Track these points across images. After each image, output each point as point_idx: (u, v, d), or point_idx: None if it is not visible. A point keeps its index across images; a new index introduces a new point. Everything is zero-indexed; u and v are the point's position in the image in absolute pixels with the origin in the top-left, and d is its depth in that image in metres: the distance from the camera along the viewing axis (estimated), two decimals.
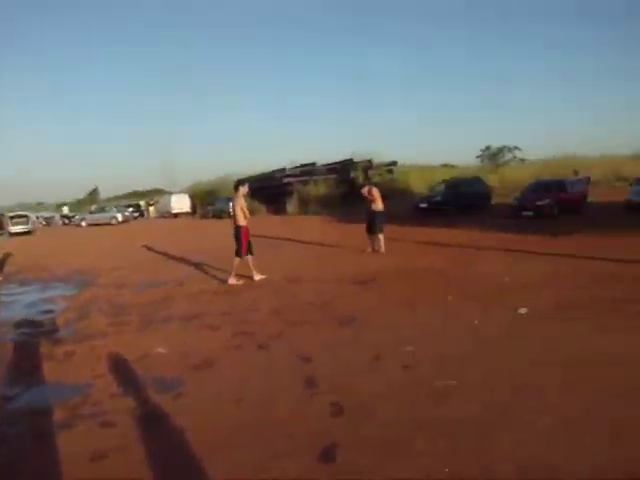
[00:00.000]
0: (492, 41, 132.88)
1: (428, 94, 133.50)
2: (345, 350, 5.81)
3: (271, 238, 18.35)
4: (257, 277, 10.43)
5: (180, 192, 49.73)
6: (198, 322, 7.49)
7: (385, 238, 13.51)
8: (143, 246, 19.86)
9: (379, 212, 13.68)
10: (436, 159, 59.23)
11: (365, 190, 13.97)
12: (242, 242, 10.20)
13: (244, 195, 10.40)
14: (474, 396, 4.33)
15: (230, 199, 36.01)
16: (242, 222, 10.18)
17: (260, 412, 4.31)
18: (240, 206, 10.19)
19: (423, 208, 24.00)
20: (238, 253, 10.30)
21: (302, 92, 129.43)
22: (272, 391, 4.75)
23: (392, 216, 24.83)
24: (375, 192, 13.77)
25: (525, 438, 3.59)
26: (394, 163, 39.10)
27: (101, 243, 24.86)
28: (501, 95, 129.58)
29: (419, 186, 35.56)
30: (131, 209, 51.55)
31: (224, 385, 5.00)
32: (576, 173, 24.01)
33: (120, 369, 5.67)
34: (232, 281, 10.28)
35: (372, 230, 13.71)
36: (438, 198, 23.91)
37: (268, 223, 25.78)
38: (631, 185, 22.67)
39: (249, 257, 10.37)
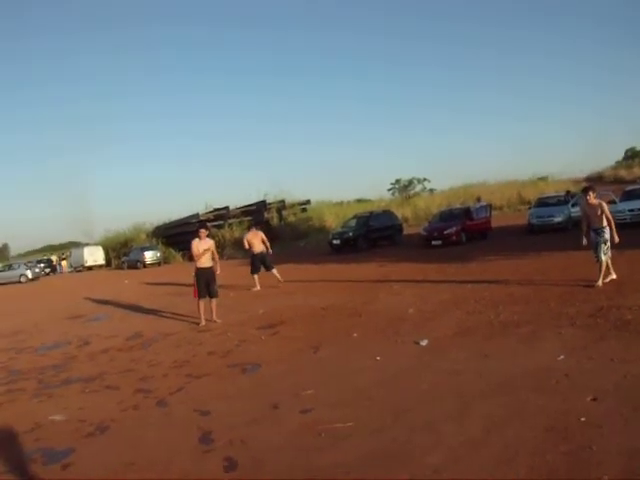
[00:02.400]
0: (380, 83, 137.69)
1: (339, 130, 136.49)
2: (245, 400, 5.70)
3: (181, 285, 17.96)
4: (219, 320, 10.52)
5: (93, 244, 48.13)
6: (98, 383, 7.17)
7: (301, 277, 13.65)
8: (51, 304, 19.01)
9: (264, 252, 14.76)
10: (351, 194, 60.35)
11: (250, 235, 15.06)
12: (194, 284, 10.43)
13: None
14: (370, 436, 4.33)
15: (144, 248, 35.58)
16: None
17: (151, 475, 4.14)
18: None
19: (336, 244, 24.29)
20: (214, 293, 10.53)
21: (217, 136, 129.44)
22: (167, 451, 4.58)
23: (308, 254, 25.13)
24: (261, 235, 14.94)
25: (417, 473, 3.63)
26: (307, 202, 39.58)
27: (5, 304, 23.58)
28: (411, 128, 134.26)
29: (334, 222, 36.06)
30: (42, 265, 49.26)
31: (117, 449, 4.77)
32: (478, 200, 25.05)
33: (6, 444, 5.34)
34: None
35: (266, 268, 14.74)
36: (350, 234, 24.29)
37: (183, 270, 25.30)
38: (529, 209, 23.97)
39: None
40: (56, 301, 20.15)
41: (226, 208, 36.43)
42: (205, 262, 10.31)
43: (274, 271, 14.79)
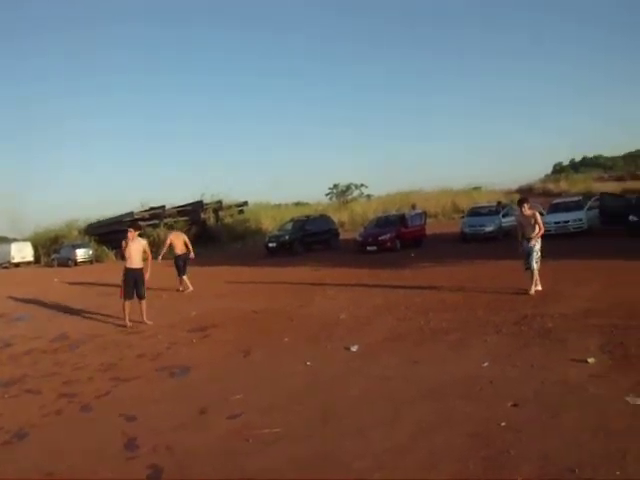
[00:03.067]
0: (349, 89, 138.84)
1: (279, 131, 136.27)
2: (173, 405, 5.61)
3: (113, 285, 17.46)
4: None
5: (22, 239, 46.19)
6: (18, 387, 6.84)
7: (235, 279, 13.54)
8: None
9: (187, 255, 14.91)
10: (290, 198, 60.47)
11: (173, 236, 15.42)
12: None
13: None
14: (298, 442, 4.33)
15: (75, 245, 34.42)
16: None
17: None
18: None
19: (272, 247, 24.25)
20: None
21: (153, 136, 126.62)
22: (89, 458, 4.43)
23: (244, 256, 24.96)
24: (184, 238, 15.19)
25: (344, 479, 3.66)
26: (245, 203, 39.28)
27: None
28: (350, 133, 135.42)
29: (271, 225, 35.98)
30: None
31: (36, 458, 4.56)
32: (414, 207, 25.53)
33: None
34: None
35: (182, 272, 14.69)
36: (286, 237, 24.31)
37: (116, 269, 24.62)
38: (462, 217, 24.63)
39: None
40: None
41: (162, 207, 35.67)
42: (135, 263, 10.08)
43: (185, 277, 14.65)
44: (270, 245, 24.45)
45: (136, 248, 10.05)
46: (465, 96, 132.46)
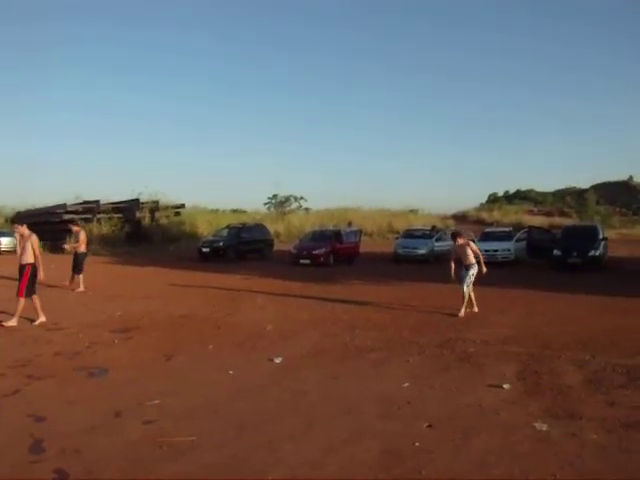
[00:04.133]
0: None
1: (222, 139, 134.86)
2: (86, 406, 5.43)
3: None
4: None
5: None
6: None
7: (165, 281, 13.28)
8: None
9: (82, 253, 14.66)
10: (228, 204, 59.91)
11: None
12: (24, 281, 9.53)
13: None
14: (212, 451, 4.29)
15: (3, 234, 32.92)
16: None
17: None
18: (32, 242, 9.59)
19: (205, 252, 23.96)
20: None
21: (88, 129, 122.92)
22: None
23: (177, 259, 24.55)
24: (82, 235, 14.95)
25: None
26: (182, 206, 38.68)
27: None
28: (293, 142, 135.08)
29: (207, 230, 35.56)
30: None
31: None
32: (350, 224, 25.80)
33: None
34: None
35: (75, 269, 14.44)
36: (220, 243, 24.08)
37: (44, 260, 23.76)
38: (397, 239, 25.09)
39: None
40: None
41: (96, 202, 34.62)
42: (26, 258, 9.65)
43: (81, 276, 14.42)
44: (204, 250, 24.12)
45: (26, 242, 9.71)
46: (434, 118, 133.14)
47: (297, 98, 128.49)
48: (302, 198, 53.45)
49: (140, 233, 33.75)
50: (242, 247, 24.44)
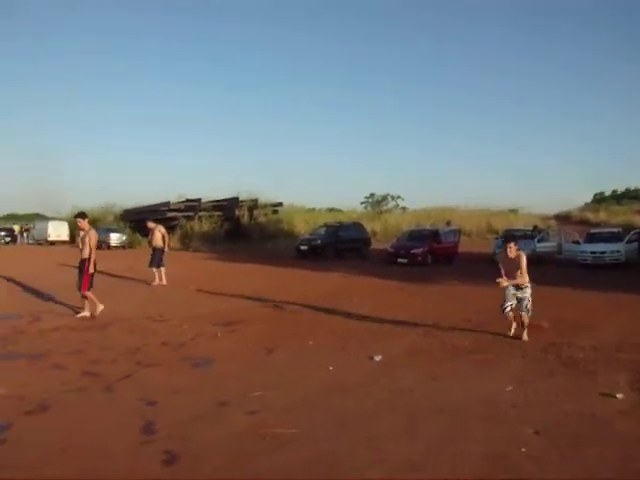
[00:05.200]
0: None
1: (320, 142, 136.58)
2: (193, 394, 5.65)
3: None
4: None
5: (59, 219, 47.05)
6: (45, 361, 7.00)
7: (264, 278, 13.59)
8: (5, 276, 18.48)
9: (159, 248, 15.08)
10: (324, 203, 60.58)
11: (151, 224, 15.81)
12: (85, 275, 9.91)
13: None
14: (313, 445, 4.32)
15: (110, 230, 34.94)
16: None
17: (83, 462, 4.03)
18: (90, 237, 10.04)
19: (303, 250, 24.32)
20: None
21: (190, 127, 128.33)
22: (105, 438, 4.48)
23: (274, 257, 25.08)
24: (157, 231, 15.38)
25: None
26: (280, 204, 39.51)
27: None
28: (384, 148, 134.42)
29: (304, 228, 36.10)
30: (2, 233, 47.81)
31: (54, 432, 4.63)
32: (448, 224, 25.36)
33: None
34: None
35: (153, 263, 14.89)
36: (318, 241, 24.36)
37: (145, 255, 24.96)
38: (496, 239, 24.36)
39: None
40: (13, 271, 19.58)
41: (198, 200, 36.04)
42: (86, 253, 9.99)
43: (162, 269, 14.93)
44: (302, 248, 24.53)
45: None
46: (513, 123, 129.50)
47: (396, 101, 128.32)
48: (399, 197, 53.12)
49: (239, 231, 34.77)
50: (340, 245, 24.63)
